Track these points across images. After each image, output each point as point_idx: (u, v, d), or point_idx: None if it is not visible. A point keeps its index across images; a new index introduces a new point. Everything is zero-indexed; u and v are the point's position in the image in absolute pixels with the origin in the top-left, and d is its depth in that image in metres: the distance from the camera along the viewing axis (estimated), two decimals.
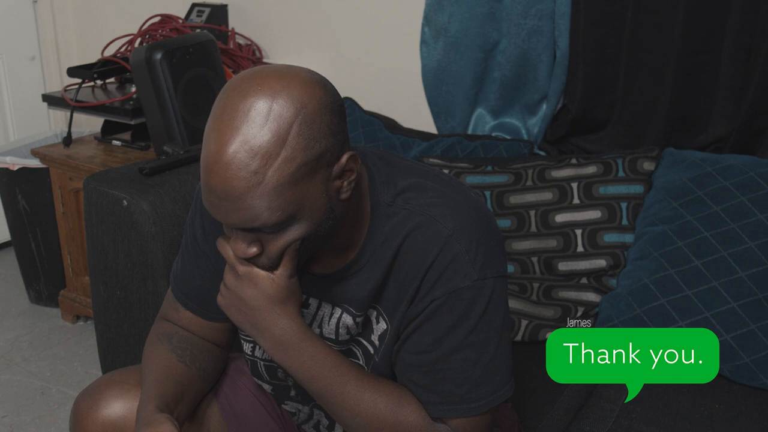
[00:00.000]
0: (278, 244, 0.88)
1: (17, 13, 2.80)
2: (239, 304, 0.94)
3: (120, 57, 2.25)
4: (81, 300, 2.34)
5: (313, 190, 0.85)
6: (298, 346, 0.94)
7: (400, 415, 0.95)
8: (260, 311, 0.92)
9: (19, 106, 2.82)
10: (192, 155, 1.73)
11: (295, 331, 0.94)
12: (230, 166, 0.81)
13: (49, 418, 1.98)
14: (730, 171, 1.55)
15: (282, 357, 0.95)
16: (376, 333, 1.01)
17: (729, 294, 1.44)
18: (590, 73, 1.84)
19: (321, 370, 0.95)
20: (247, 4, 2.45)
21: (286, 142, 0.81)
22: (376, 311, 1.00)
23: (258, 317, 0.93)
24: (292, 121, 0.82)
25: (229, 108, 0.82)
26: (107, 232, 1.60)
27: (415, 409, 0.96)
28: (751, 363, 1.42)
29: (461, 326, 0.93)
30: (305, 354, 0.94)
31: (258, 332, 0.94)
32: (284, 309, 0.93)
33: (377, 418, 0.95)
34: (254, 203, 0.82)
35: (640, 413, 1.36)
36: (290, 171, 0.82)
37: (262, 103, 0.81)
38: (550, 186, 1.70)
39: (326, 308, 1.03)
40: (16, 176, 2.31)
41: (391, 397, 0.96)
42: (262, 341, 0.95)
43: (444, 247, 0.92)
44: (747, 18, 1.66)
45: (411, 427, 0.95)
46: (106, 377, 1.11)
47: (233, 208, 0.83)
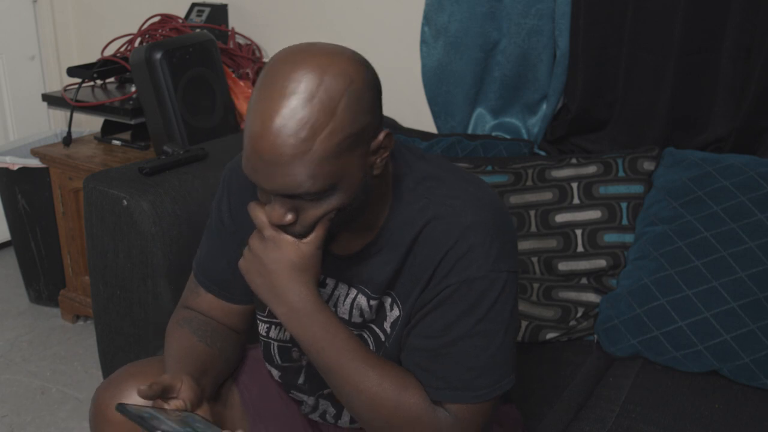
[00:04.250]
0: (314, 213, 0.91)
1: (17, 13, 2.80)
2: (260, 268, 0.95)
3: (120, 57, 2.25)
4: (81, 300, 2.34)
5: (353, 163, 0.88)
6: (311, 315, 0.95)
7: (402, 398, 0.96)
8: (280, 276, 0.94)
9: (19, 106, 2.82)
10: (192, 155, 1.73)
11: (311, 300, 0.95)
12: (281, 133, 0.84)
13: (49, 417, 1.98)
14: (730, 171, 1.55)
15: (294, 325, 0.96)
16: (389, 320, 1.03)
17: (729, 294, 1.44)
18: (590, 73, 1.84)
19: (331, 343, 0.95)
20: (247, 4, 2.45)
21: (335, 115, 0.85)
22: (390, 298, 1.02)
23: (277, 282, 0.94)
24: (341, 95, 0.85)
25: (280, 79, 0.85)
26: (107, 232, 1.60)
27: (418, 394, 0.97)
28: (751, 363, 1.42)
29: (471, 314, 0.95)
30: (317, 324, 0.95)
31: (274, 297, 0.95)
32: (303, 277, 0.94)
33: (379, 398, 0.96)
34: (300, 171, 0.85)
35: (639, 413, 1.36)
36: (336, 142, 0.86)
37: (313, 76, 0.85)
38: (550, 186, 1.70)
39: (342, 288, 1.05)
40: (16, 176, 2.31)
41: (395, 380, 0.97)
42: (277, 307, 0.96)
43: (461, 237, 0.95)
44: (747, 18, 1.66)
45: (411, 410, 0.96)
46: (127, 368, 1.12)
47: (279, 173, 0.86)
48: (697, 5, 1.67)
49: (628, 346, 1.53)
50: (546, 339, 1.58)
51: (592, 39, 1.81)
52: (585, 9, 1.79)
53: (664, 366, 1.50)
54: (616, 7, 1.77)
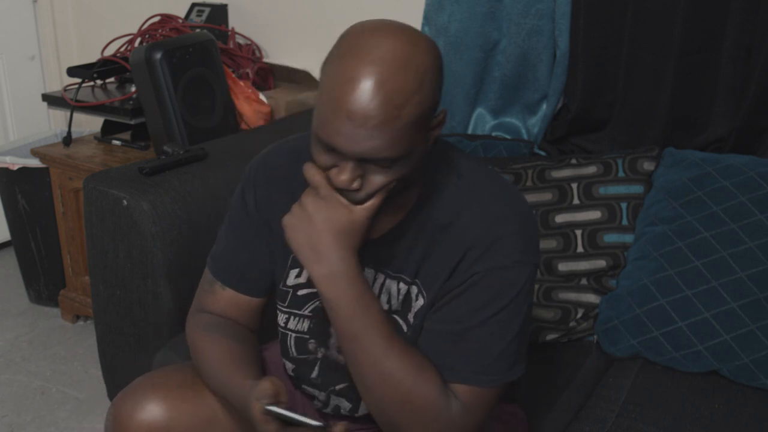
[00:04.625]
0: (379, 180, 0.92)
1: (17, 13, 2.80)
2: (307, 225, 0.94)
3: (120, 57, 2.25)
4: (81, 300, 2.34)
5: (423, 135, 0.92)
6: (350, 280, 0.94)
7: (418, 381, 0.96)
8: (326, 236, 0.93)
9: (19, 106, 2.82)
10: (192, 155, 1.73)
11: (352, 265, 0.95)
12: (374, 97, 0.86)
13: (49, 417, 1.98)
14: (730, 171, 1.55)
15: (330, 287, 0.95)
16: (413, 310, 1.04)
17: (729, 294, 1.44)
18: (590, 73, 1.84)
19: (363, 311, 0.95)
20: (247, 4, 2.45)
21: (423, 85, 0.88)
22: (416, 287, 1.03)
23: (322, 241, 0.94)
24: (429, 67, 0.89)
25: (371, 46, 0.88)
26: (107, 231, 1.60)
27: (434, 380, 0.97)
28: (751, 363, 1.42)
29: (495, 302, 0.98)
30: (354, 291, 0.94)
31: (316, 257, 0.94)
32: (348, 242, 0.94)
33: (396, 376, 0.96)
34: (386, 136, 0.88)
35: (639, 413, 1.36)
36: (419, 112, 0.89)
37: (408, 47, 0.89)
38: (550, 186, 1.70)
39: (369, 273, 1.05)
40: (16, 176, 2.31)
41: (414, 362, 0.97)
42: (316, 267, 0.95)
43: (491, 227, 0.98)
44: (747, 18, 1.66)
45: (425, 394, 0.96)
46: (147, 379, 1.11)
47: (365, 136, 0.87)
48: (697, 5, 1.67)
49: (628, 346, 1.53)
50: (546, 340, 1.58)
51: (592, 39, 1.81)
52: (585, 9, 1.79)
53: (664, 366, 1.50)
54: (616, 7, 1.77)
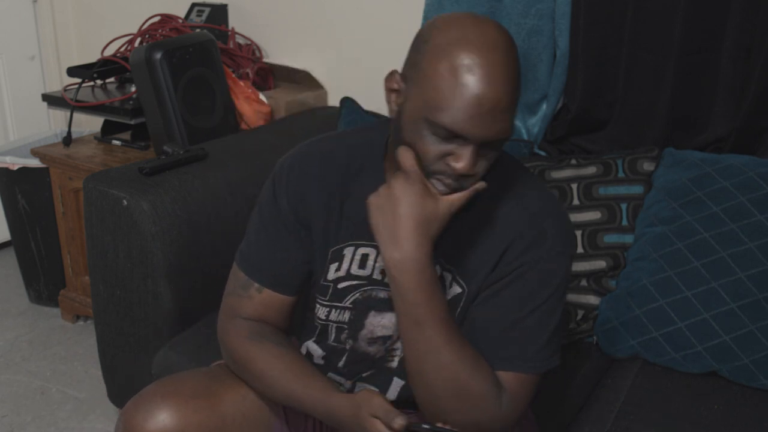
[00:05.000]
0: (486, 164, 0.97)
1: (17, 13, 2.80)
2: (392, 207, 0.96)
3: (120, 57, 2.25)
4: (81, 300, 2.34)
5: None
6: (421, 269, 0.96)
7: (472, 377, 0.98)
8: (407, 221, 0.95)
9: (19, 106, 2.82)
10: (192, 155, 1.73)
11: (427, 254, 0.96)
12: (504, 82, 0.91)
13: (49, 417, 1.98)
14: (729, 171, 1.55)
15: (402, 272, 0.96)
16: (448, 296, 1.07)
17: (728, 295, 1.44)
18: (590, 73, 1.84)
19: (428, 300, 0.97)
20: (247, 4, 2.45)
21: (520, 69, 0.96)
22: (451, 275, 1.07)
23: (402, 226, 0.96)
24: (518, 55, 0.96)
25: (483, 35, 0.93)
26: (107, 231, 1.61)
27: (487, 376, 1.00)
28: (750, 363, 1.42)
29: (540, 292, 1.03)
30: (423, 279, 0.96)
31: (393, 240, 0.96)
32: (428, 231, 0.96)
33: (454, 368, 0.98)
34: (508, 117, 0.93)
35: (638, 414, 1.36)
36: (520, 91, 0.96)
37: (507, 35, 0.95)
38: (550, 187, 1.69)
39: None
40: (16, 176, 2.31)
41: (471, 357, 0.99)
42: (391, 251, 0.96)
43: (533, 221, 1.03)
44: (747, 18, 1.66)
45: (479, 390, 0.98)
46: (158, 387, 1.11)
47: (496, 119, 0.92)
48: (697, 5, 1.67)
49: (628, 347, 1.53)
50: None
51: (592, 39, 1.81)
52: (585, 9, 1.79)
53: (664, 367, 1.50)
54: (616, 7, 1.77)
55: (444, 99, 0.92)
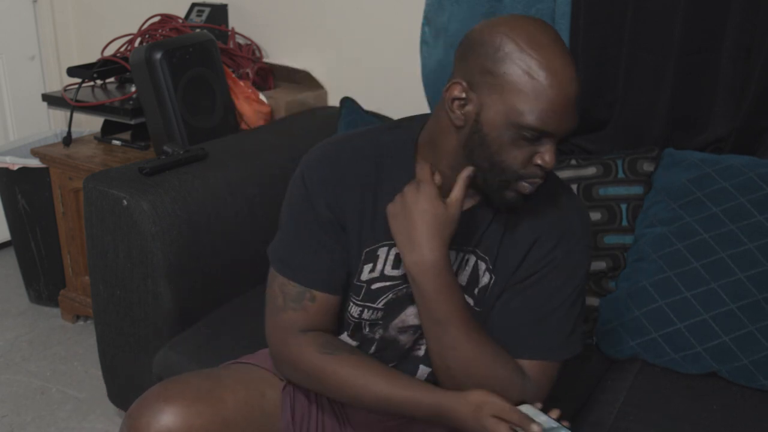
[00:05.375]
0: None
1: (17, 13, 2.80)
2: (408, 214, 1.03)
3: (120, 57, 2.25)
4: (81, 300, 2.34)
5: None
6: (439, 270, 1.02)
7: (494, 369, 1.04)
8: (422, 226, 1.02)
9: (19, 106, 2.82)
10: (192, 155, 1.73)
11: (443, 256, 1.03)
12: (574, 79, 0.97)
13: (49, 418, 1.99)
14: (729, 172, 1.55)
15: (420, 274, 1.03)
16: (479, 285, 1.12)
17: (728, 295, 1.44)
18: (590, 73, 1.83)
19: (447, 299, 1.03)
20: (247, 4, 2.45)
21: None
22: (485, 264, 1.11)
23: (417, 231, 1.02)
24: None
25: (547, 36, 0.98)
26: (107, 231, 1.61)
27: (509, 368, 1.06)
28: (750, 364, 1.42)
29: (568, 283, 1.09)
30: (441, 279, 1.02)
31: (411, 245, 1.03)
32: (442, 234, 1.02)
33: (474, 362, 1.04)
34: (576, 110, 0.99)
35: (637, 415, 1.36)
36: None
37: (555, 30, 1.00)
38: None
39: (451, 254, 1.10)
40: (16, 176, 2.31)
41: (491, 350, 1.05)
42: (410, 255, 1.03)
43: (562, 216, 1.09)
44: (747, 18, 1.66)
45: (501, 381, 1.04)
46: (161, 390, 1.12)
47: (570, 114, 0.98)
48: (697, 5, 1.67)
49: (627, 348, 1.53)
50: None
51: (592, 39, 1.81)
52: (585, 9, 1.78)
53: (663, 368, 1.50)
54: (616, 7, 1.77)
55: (529, 101, 0.96)
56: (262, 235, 1.71)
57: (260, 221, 1.74)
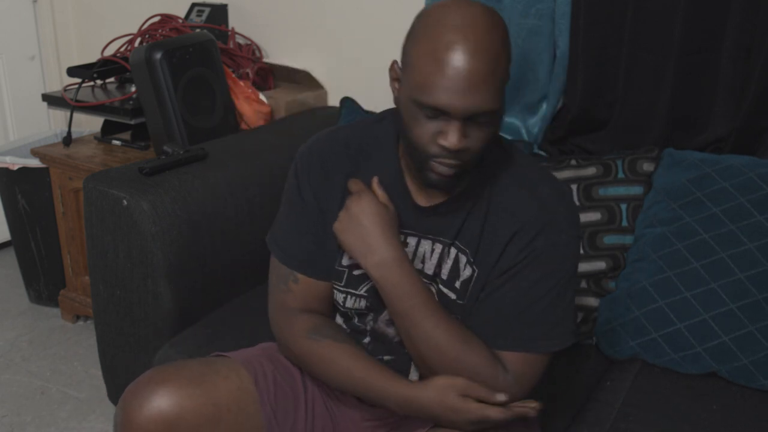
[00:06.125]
0: (479, 138, 1.01)
1: (17, 13, 2.80)
2: (355, 226, 1.07)
3: (120, 57, 2.25)
4: (81, 300, 2.34)
5: (503, 99, 1.01)
6: (400, 265, 1.06)
7: (464, 351, 1.05)
8: (374, 229, 1.06)
9: (19, 106, 2.82)
10: (192, 155, 1.73)
11: (399, 251, 1.07)
12: (477, 52, 0.95)
13: (49, 417, 1.99)
14: (729, 172, 1.55)
15: (384, 272, 1.06)
16: (460, 278, 1.12)
17: (728, 295, 1.44)
18: (590, 73, 1.84)
19: (410, 291, 1.06)
20: (247, 4, 2.45)
21: (507, 46, 1.00)
22: (466, 257, 1.11)
23: (371, 236, 1.06)
24: (507, 33, 1.00)
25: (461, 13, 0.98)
26: (107, 231, 1.61)
27: (478, 351, 1.06)
28: (750, 364, 1.42)
29: (551, 276, 1.07)
30: (402, 273, 1.06)
31: (367, 250, 1.07)
32: (392, 231, 1.07)
33: (444, 347, 1.05)
34: (488, 88, 0.96)
35: (637, 416, 1.36)
36: (506, 69, 0.99)
37: (490, 12, 0.99)
38: None
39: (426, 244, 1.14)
40: (16, 176, 2.31)
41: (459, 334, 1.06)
42: (370, 258, 1.07)
43: (543, 207, 1.08)
44: (747, 18, 1.66)
45: (473, 365, 1.05)
46: (155, 374, 1.15)
47: (474, 92, 0.96)
48: (697, 5, 1.67)
49: (627, 348, 1.53)
50: None
51: (592, 39, 1.81)
52: (585, 9, 1.79)
53: (663, 368, 1.50)
54: (616, 7, 1.77)
55: (426, 78, 0.97)
56: (262, 235, 1.71)
57: (260, 221, 1.74)
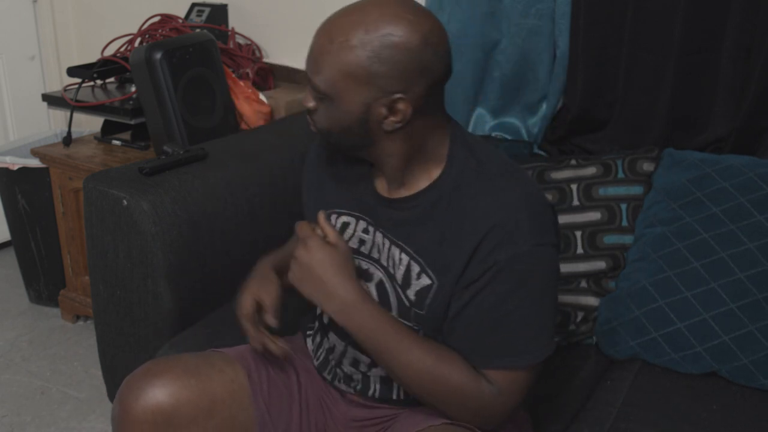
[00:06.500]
0: (322, 117, 1.06)
1: (17, 13, 2.80)
2: (309, 275, 1.07)
3: (120, 57, 2.25)
4: (81, 300, 2.34)
5: (354, 96, 1.01)
6: (361, 306, 1.06)
7: (444, 372, 1.04)
8: (326, 275, 1.06)
9: (19, 106, 2.82)
10: (192, 155, 1.73)
11: (358, 291, 1.07)
12: (323, 31, 1.02)
13: (49, 417, 1.99)
14: (729, 172, 1.55)
15: (346, 317, 1.06)
16: (413, 288, 1.09)
17: (728, 295, 1.44)
18: (590, 73, 1.84)
19: (378, 327, 1.06)
20: (247, 4, 2.45)
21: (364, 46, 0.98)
22: (419, 266, 1.09)
23: (326, 283, 1.06)
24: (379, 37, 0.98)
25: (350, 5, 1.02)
26: (107, 232, 1.60)
27: (458, 368, 1.05)
28: (750, 364, 1.42)
29: (521, 287, 1.02)
30: (366, 312, 1.06)
31: (327, 297, 1.07)
32: (347, 272, 1.07)
33: (423, 372, 1.05)
34: (320, 67, 1.01)
35: (637, 415, 1.36)
36: (346, 62, 0.99)
37: (373, 11, 1.00)
38: (550, 188, 1.70)
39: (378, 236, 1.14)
40: (16, 176, 2.31)
41: (436, 356, 1.06)
42: (329, 305, 1.07)
43: (506, 215, 1.02)
44: (747, 18, 1.66)
45: (453, 382, 1.04)
46: (152, 366, 1.17)
47: (313, 61, 1.03)
48: (697, 5, 1.67)
49: (627, 348, 1.53)
50: None
51: (592, 39, 1.81)
52: (585, 9, 1.79)
53: (663, 368, 1.50)
54: (616, 7, 1.77)
55: None
56: (262, 235, 1.72)
57: (260, 221, 1.74)
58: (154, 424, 1.11)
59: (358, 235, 1.16)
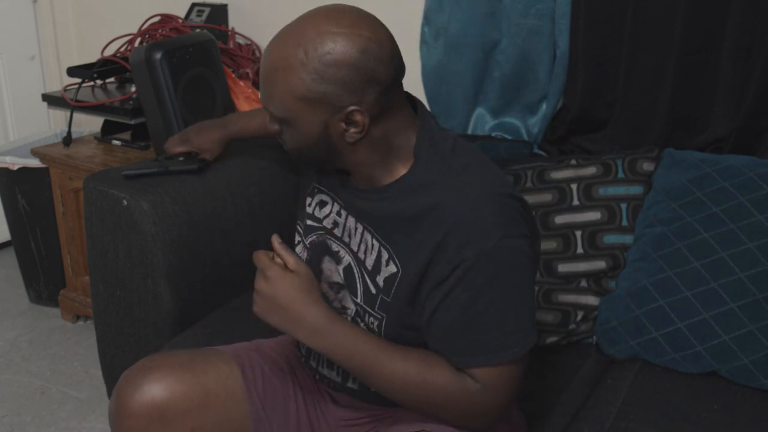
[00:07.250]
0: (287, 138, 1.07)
1: (17, 13, 2.80)
2: (273, 305, 1.05)
3: (120, 57, 2.25)
4: (81, 300, 2.34)
5: (310, 116, 1.02)
6: (332, 328, 1.05)
7: (428, 376, 1.04)
8: (293, 304, 1.04)
9: (19, 106, 2.82)
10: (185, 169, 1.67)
11: (326, 314, 1.05)
12: (267, 54, 1.03)
13: (49, 417, 1.99)
14: (729, 172, 1.55)
15: (320, 342, 1.05)
16: (382, 275, 1.09)
17: (728, 295, 1.44)
18: (590, 73, 1.84)
19: (354, 346, 1.05)
20: (247, 4, 2.45)
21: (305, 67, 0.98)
22: (388, 253, 1.08)
23: (293, 311, 1.04)
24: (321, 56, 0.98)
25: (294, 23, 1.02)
26: (107, 232, 1.61)
27: (441, 370, 1.04)
28: (750, 364, 1.42)
29: (493, 284, 1.01)
30: (339, 334, 1.05)
31: (296, 325, 1.05)
32: (312, 296, 1.05)
33: (407, 381, 1.04)
34: (269, 91, 1.03)
35: (637, 415, 1.36)
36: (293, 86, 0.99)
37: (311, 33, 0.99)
38: (550, 187, 1.70)
39: (351, 221, 1.14)
40: (16, 176, 2.31)
41: (418, 361, 1.05)
42: (300, 333, 1.06)
43: (470, 211, 1.01)
44: (747, 18, 1.66)
45: (438, 385, 1.04)
46: (147, 362, 1.18)
47: (262, 89, 1.04)
48: (697, 5, 1.67)
49: (627, 347, 1.53)
50: (546, 343, 1.57)
51: (592, 39, 1.81)
52: (585, 9, 1.79)
53: (663, 367, 1.50)
54: (616, 7, 1.77)
55: None
56: (262, 235, 1.72)
57: (260, 221, 1.74)
58: (150, 419, 1.12)
59: (332, 217, 1.17)
